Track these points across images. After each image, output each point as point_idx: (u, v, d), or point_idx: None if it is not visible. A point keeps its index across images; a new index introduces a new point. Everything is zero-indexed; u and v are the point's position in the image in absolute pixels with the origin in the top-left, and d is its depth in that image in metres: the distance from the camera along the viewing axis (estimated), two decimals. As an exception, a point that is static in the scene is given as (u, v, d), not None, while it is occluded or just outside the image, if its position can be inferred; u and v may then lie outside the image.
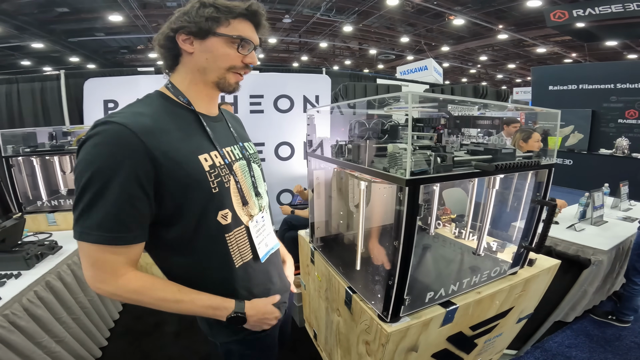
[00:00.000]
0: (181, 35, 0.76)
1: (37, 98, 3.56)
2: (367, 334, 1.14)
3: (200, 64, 0.78)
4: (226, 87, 0.81)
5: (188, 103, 0.80)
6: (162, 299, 0.75)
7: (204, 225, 0.77)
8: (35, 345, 1.46)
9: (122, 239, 0.68)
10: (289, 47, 13.82)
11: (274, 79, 3.80)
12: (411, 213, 0.87)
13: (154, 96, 0.80)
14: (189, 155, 0.74)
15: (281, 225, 2.95)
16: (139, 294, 0.73)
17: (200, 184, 0.75)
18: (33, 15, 7.60)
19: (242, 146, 0.94)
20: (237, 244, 0.84)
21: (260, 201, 0.94)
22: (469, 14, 8.60)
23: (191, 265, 0.81)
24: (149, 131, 0.68)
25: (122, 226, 0.67)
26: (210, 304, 0.79)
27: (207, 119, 0.84)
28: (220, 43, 0.76)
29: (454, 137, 1.19)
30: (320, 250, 1.55)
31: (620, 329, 2.25)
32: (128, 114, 0.69)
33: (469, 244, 1.49)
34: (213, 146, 0.81)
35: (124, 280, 0.71)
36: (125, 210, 0.66)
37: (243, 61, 0.79)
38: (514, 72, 16.46)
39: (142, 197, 0.67)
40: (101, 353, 1.97)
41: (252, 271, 0.89)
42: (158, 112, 0.75)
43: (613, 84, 6.22)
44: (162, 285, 0.76)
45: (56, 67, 3.20)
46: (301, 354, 2.00)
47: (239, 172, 0.86)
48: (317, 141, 1.53)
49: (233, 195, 0.82)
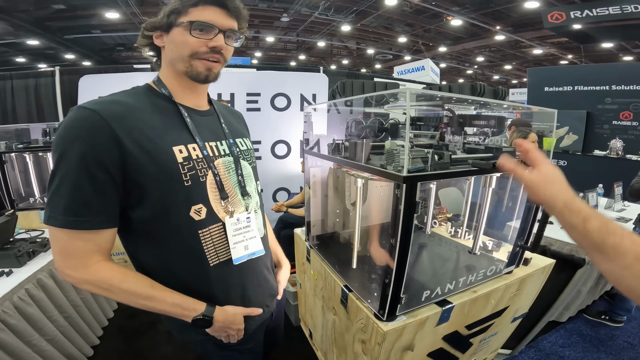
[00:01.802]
0: (155, 33, 0.80)
1: (32, 95, 3.52)
2: (363, 333, 1.14)
3: (170, 56, 0.80)
4: (197, 76, 0.79)
5: (169, 94, 0.81)
6: (132, 293, 0.73)
7: (173, 218, 0.76)
8: (25, 344, 1.44)
9: (87, 223, 0.67)
10: (287, 46, 13.80)
11: (271, 77, 3.79)
12: (408, 210, 0.87)
13: (141, 88, 0.82)
14: (162, 146, 0.73)
15: (276, 224, 2.94)
16: (108, 284, 0.71)
17: (171, 176, 0.74)
18: (29, 13, 7.51)
19: (232, 142, 0.90)
20: (213, 242, 0.81)
21: (247, 200, 0.91)
22: (467, 15, 8.63)
23: (160, 257, 0.79)
24: (119, 117, 0.68)
25: (87, 209, 0.67)
26: (181, 303, 0.78)
27: (191, 112, 0.83)
28: (179, 32, 0.76)
29: (457, 136, 1.18)
30: (316, 248, 1.54)
31: (613, 329, 2.27)
32: (104, 102, 0.71)
33: (465, 243, 1.49)
34: (192, 138, 0.79)
35: (94, 269, 0.70)
36: (91, 194, 0.66)
37: (208, 45, 0.77)
38: (510, 73, 16.55)
39: (109, 180, 0.67)
40: (93, 352, 1.95)
41: (230, 272, 0.85)
42: (138, 102, 0.75)
43: (608, 85, 6.25)
44: (134, 279, 0.75)
45: (51, 64, 3.16)
46: (296, 354, 2.00)
47: (221, 168, 0.84)
48: (314, 139, 1.52)
49: (210, 190, 0.80)
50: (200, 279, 0.82)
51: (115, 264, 0.74)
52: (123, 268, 0.75)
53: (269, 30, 11.22)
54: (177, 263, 0.80)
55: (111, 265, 0.73)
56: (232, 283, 0.86)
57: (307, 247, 1.59)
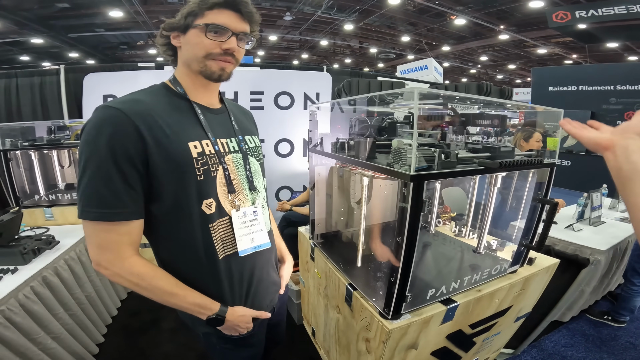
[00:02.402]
0: (172, 33, 0.83)
1: (37, 93, 3.52)
2: (367, 331, 1.14)
3: (186, 56, 0.84)
4: (210, 75, 0.83)
5: (184, 93, 0.85)
6: (159, 288, 0.78)
7: (187, 211, 0.79)
8: (31, 341, 1.44)
9: (120, 214, 0.71)
10: (290, 45, 13.78)
11: (275, 76, 3.79)
12: (415, 209, 0.87)
13: (158, 87, 0.86)
14: (179, 141, 0.77)
15: (280, 222, 2.94)
16: (140, 279, 0.76)
17: (186, 170, 0.77)
18: (33, 11, 7.53)
19: (241, 139, 0.94)
20: (221, 236, 0.85)
21: (254, 195, 0.94)
22: (471, 14, 8.59)
23: (172, 251, 0.84)
24: (141, 115, 0.72)
25: (119, 201, 0.71)
26: (199, 302, 0.83)
27: (204, 110, 0.87)
28: (195, 34, 0.79)
29: (459, 135, 1.18)
30: (321, 247, 1.54)
31: (616, 329, 2.26)
32: (126, 101, 0.75)
33: (469, 242, 1.49)
34: (205, 135, 0.83)
35: (129, 262, 0.75)
36: (121, 187, 0.70)
37: (222, 48, 0.81)
38: (514, 72, 16.47)
39: (135, 174, 0.71)
40: (98, 350, 1.95)
41: (236, 265, 0.89)
42: (156, 101, 0.79)
43: (613, 85, 6.21)
44: (163, 276, 0.80)
45: (55, 63, 3.20)
46: (299, 352, 2.00)
47: (230, 164, 0.87)
48: (318, 138, 1.52)
49: (219, 185, 0.84)
50: (209, 272, 0.85)
51: (145, 259, 0.78)
52: (152, 264, 0.80)
53: (272, 29, 11.21)
54: (189, 257, 0.83)
55: (143, 261, 0.77)
56: (237, 276, 0.89)
57: (311, 245, 1.60)
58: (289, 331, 2.16)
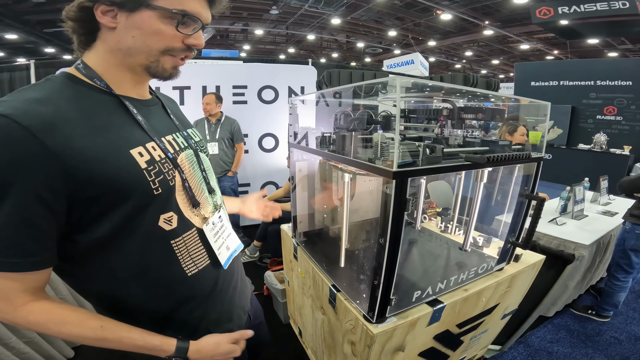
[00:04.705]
0: (101, 6, 0.59)
1: (6, 89, 3.44)
2: (352, 334, 1.09)
3: (124, 43, 0.61)
4: (161, 73, 0.66)
5: (107, 87, 0.63)
6: (79, 336, 0.60)
7: (139, 233, 0.63)
8: (4, 346, 1.43)
9: (17, 265, 0.54)
10: (276, 39, 13.59)
11: (258, 70, 3.70)
12: (398, 208, 0.81)
13: (58, 78, 0.62)
14: (115, 151, 0.59)
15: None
16: (44, 328, 0.59)
17: (137, 186, 0.60)
18: (7, 6, 7.21)
19: (186, 134, 0.79)
20: (188, 251, 0.71)
21: (214, 198, 0.81)
22: (457, 9, 8.62)
23: (123, 280, 0.66)
24: (50, 124, 0.52)
25: (17, 250, 0.53)
26: (144, 345, 0.64)
27: (136, 104, 0.68)
28: (153, 18, 0.59)
29: (459, 130, 1.14)
30: (304, 245, 1.48)
31: (600, 324, 2.28)
32: (18, 101, 0.53)
33: (455, 238, 1.46)
34: (148, 136, 0.66)
35: (22, 312, 0.57)
36: (22, 233, 0.53)
37: (185, 42, 0.64)
38: (498, 67, 16.70)
39: (46, 214, 0.53)
40: (74, 353, 1.89)
41: (211, 279, 0.76)
42: (63, 98, 0.58)
43: (593, 80, 6.35)
44: (78, 320, 0.60)
45: (30, 58, 3.04)
46: (286, 351, 1.95)
47: (186, 165, 0.72)
48: (301, 132, 1.46)
49: (178, 194, 0.68)
50: (177, 294, 0.71)
51: (51, 302, 0.60)
52: (61, 307, 0.61)
53: (258, 23, 11.02)
54: (147, 283, 0.67)
55: (44, 307, 0.59)
56: (210, 290, 0.77)
57: (294, 244, 1.54)
58: (276, 331, 2.12)
